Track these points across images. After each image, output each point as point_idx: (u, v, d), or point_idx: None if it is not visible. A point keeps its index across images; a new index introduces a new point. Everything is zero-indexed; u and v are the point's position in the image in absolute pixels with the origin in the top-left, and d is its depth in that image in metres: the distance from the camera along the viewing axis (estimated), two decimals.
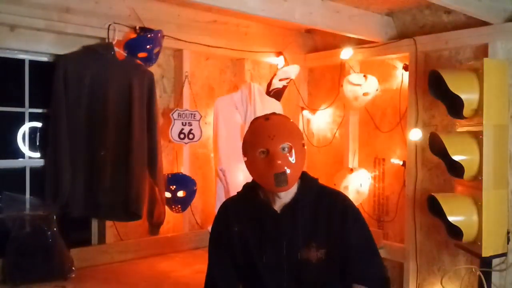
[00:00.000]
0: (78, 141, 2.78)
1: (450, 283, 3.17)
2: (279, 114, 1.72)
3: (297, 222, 1.65)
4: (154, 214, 3.05)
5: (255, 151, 1.60)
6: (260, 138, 1.60)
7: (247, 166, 1.66)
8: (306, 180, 1.72)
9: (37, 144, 2.88)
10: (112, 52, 2.85)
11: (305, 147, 1.68)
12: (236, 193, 1.83)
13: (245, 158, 1.65)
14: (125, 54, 2.92)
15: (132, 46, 2.91)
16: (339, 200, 1.71)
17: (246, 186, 1.80)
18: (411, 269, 3.33)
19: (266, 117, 1.66)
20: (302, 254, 1.63)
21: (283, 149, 1.59)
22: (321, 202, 1.69)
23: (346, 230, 1.65)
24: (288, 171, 1.57)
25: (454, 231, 2.75)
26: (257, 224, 1.69)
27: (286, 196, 1.66)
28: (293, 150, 1.60)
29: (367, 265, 1.67)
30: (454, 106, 2.79)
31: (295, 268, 1.64)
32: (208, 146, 3.52)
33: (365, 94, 3.46)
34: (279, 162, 1.56)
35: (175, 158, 3.34)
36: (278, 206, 1.68)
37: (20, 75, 2.81)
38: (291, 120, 1.73)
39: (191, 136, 3.26)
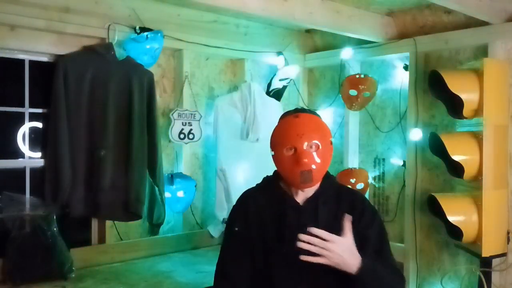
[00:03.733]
0: (78, 141, 2.78)
1: (450, 283, 3.17)
2: (309, 112, 1.77)
3: (319, 214, 1.68)
4: (154, 214, 3.05)
5: (282, 147, 1.65)
6: (289, 136, 1.64)
7: (274, 161, 1.70)
8: (328, 176, 1.76)
9: (37, 144, 2.88)
10: (112, 52, 2.85)
11: (332, 144, 1.72)
12: (255, 185, 1.85)
13: (273, 153, 1.70)
14: (125, 54, 2.92)
15: (132, 46, 2.91)
16: (360, 200, 1.77)
17: (266, 179, 1.83)
18: (411, 269, 3.32)
19: (296, 115, 1.69)
20: None
21: (311, 147, 1.63)
22: (342, 199, 1.73)
23: (368, 229, 1.68)
24: (314, 169, 1.61)
25: (454, 231, 2.76)
26: (277, 216, 1.70)
27: (309, 189, 1.70)
28: (320, 148, 1.64)
29: (386, 261, 1.70)
30: (454, 106, 2.79)
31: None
32: (208, 146, 3.52)
33: (364, 94, 3.45)
34: (306, 160, 1.60)
35: (175, 158, 3.34)
36: (300, 199, 1.71)
37: (20, 75, 2.80)
38: (320, 118, 1.76)
39: (191, 136, 3.26)
